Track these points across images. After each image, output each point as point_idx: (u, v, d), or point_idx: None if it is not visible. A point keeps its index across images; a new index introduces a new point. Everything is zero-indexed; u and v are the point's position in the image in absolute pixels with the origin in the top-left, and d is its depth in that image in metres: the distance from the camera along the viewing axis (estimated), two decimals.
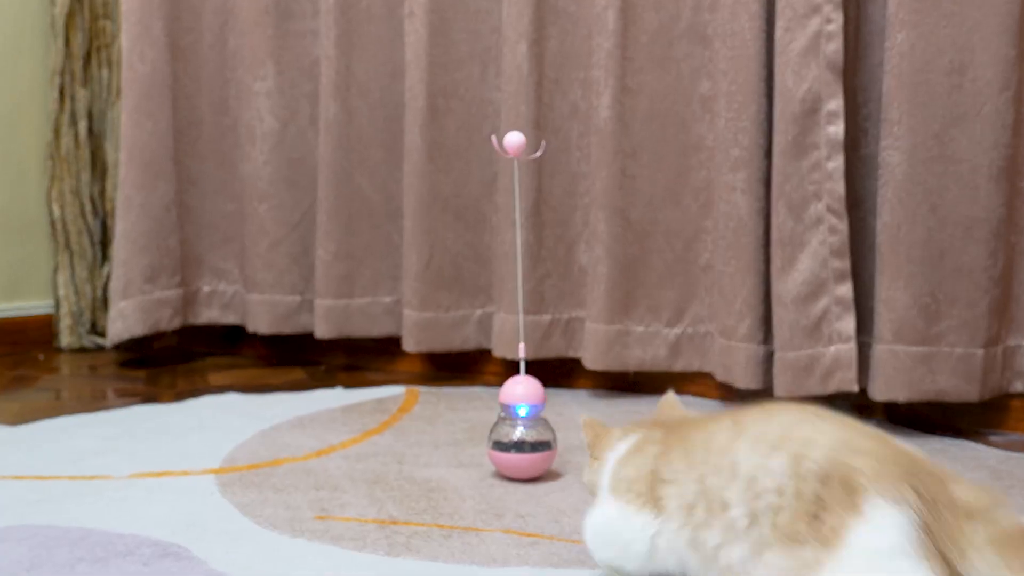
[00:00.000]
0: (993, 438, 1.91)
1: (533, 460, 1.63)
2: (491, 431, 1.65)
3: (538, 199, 2.22)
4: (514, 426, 1.63)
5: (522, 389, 1.64)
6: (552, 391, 2.22)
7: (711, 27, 2.09)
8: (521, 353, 1.70)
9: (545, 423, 1.66)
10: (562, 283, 2.25)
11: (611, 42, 2.11)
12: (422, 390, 2.24)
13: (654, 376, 2.22)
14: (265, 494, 1.53)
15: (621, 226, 2.15)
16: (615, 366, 2.16)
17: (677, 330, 2.17)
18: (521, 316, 1.83)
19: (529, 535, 1.38)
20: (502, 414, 1.65)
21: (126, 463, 1.68)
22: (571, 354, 2.25)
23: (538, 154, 1.72)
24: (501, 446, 1.63)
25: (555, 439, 1.66)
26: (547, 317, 2.24)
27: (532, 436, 1.63)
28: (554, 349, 2.25)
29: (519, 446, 1.63)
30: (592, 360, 2.17)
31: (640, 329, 2.16)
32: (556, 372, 2.28)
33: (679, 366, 2.18)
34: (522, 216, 2.21)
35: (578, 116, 2.22)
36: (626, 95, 2.13)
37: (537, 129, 2.20)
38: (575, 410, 2.08)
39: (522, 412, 1.63)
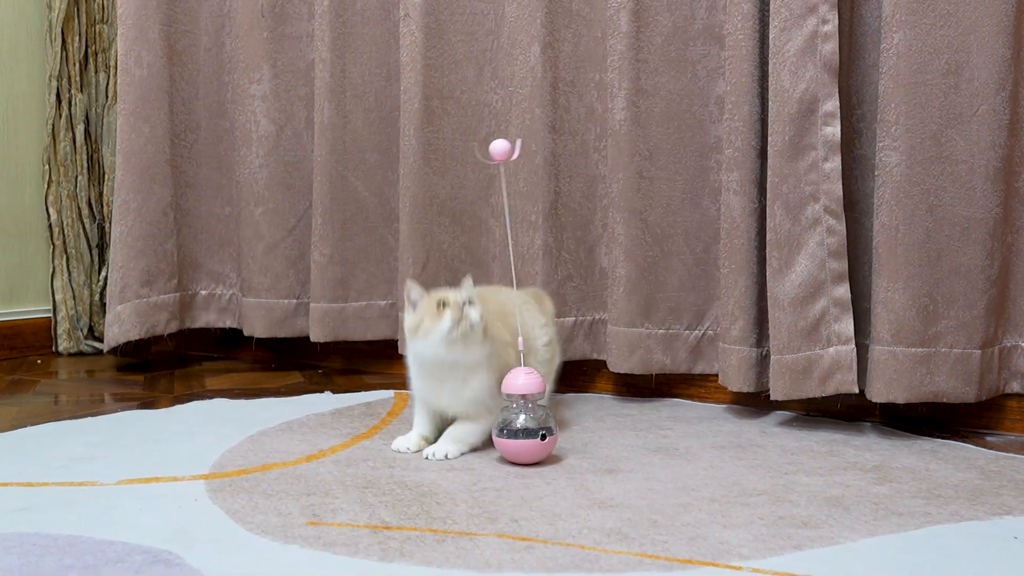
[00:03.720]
0: (990, 439, 1.91)
1: (536, 446, 1.71)
2: (496, 420, 1.73)
3: (556, 202, 2.21)
4: (517, 414, 1.71)
5: (523, 379, 1.73)
6: (574, 395, 2.22)
7: (726, 27, 2.08)
8: (520, 346, 1.79)
9: (546, 411, 1.73)
10: (584, 285, 2.24)
11: (624, 44, 2.11)
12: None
13: (673, 378, 2.21)
14: (255, 500, 1.52)
15: (639, 228, 2.14)
16: (639, 369, 2.15)
17: (697, 332, 2.16)
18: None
19: (523, 539, 1.37)
20: (505, 404, 1.74)
21: (114, 469, 1.67)
22: (595, 356, 2.25)
23: (516, 155, 1.76)
24: (505, 433, 1.71)
25: (556, 425, 1.75)
26: (570, 319, 2.23)
27: (534, 423, 1.71)
28: (578, 351, 2.24)
29: (523, 432, 1.70)
30: (616, 363, 2.16)
31: (661, 332, 2.15)
32: (579, 375, 2.28)
33: (699, 368, 2.17)
34: (540, 218, 2.20)
35: (594, 118, 2.21)
36: (641, 97, 2.12)
37: (553, 132, 2.20)
38: (566, 414, 2.08)
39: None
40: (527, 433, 1.70)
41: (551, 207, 2.21)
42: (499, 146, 1.73)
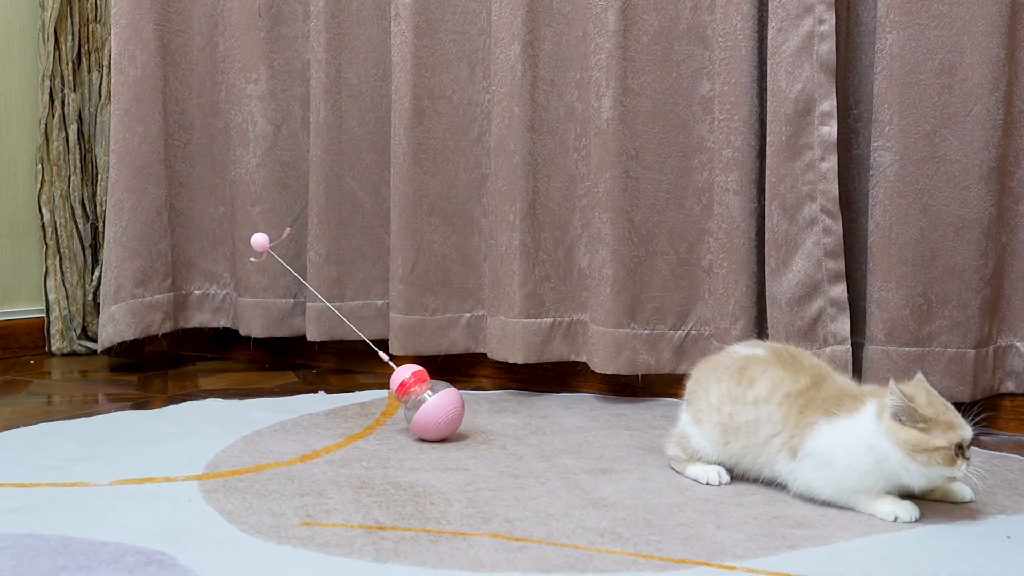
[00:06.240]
0: (984, 438, 1.91)
1: (442, 408, 1.85)
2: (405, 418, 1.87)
3: (534, 201, 2.21)
4: (420, 398, 1.85)
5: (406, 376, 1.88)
6: (551, 396, 2.21)
7: (711, 28, 2.08)
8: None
9: (432, 383, 1.88)
10: (562, 286, 2.23)
11: (612, 43, 2.10)
12: None
13: (659, 378, 2.20)
14: (249, 500, 1.52)
15: (626, 228, 2.13)
16: (625, 370, 2.14)
17: (682, 332, 2.16)
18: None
19: (517, 539, 1.37)
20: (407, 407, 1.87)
21: (107, 470, 1.66)
22: (574, 358, 2.23)
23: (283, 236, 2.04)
24: (415, 414, 1.84)
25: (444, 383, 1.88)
26: (547, 320, 2.22)
27: (430, 392, 1.86)
28: (556, 353, 2.23)
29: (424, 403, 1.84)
30: (601, 364, 2.14)
31: (646, 332, 2.15)
32: (558, 375, 2.28)
33: (683, 368, 2.16)
34: (518, 218, 2.20)
35: (575, 118, 2.21)
36: (628, 96, 2.11)
37: (531, 131, 2.19)
38: (560, 414, 2.08)
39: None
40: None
41: (529, 207, 2.20)
42: (258, 239, 1.98)
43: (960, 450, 1.42)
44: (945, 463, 1.41)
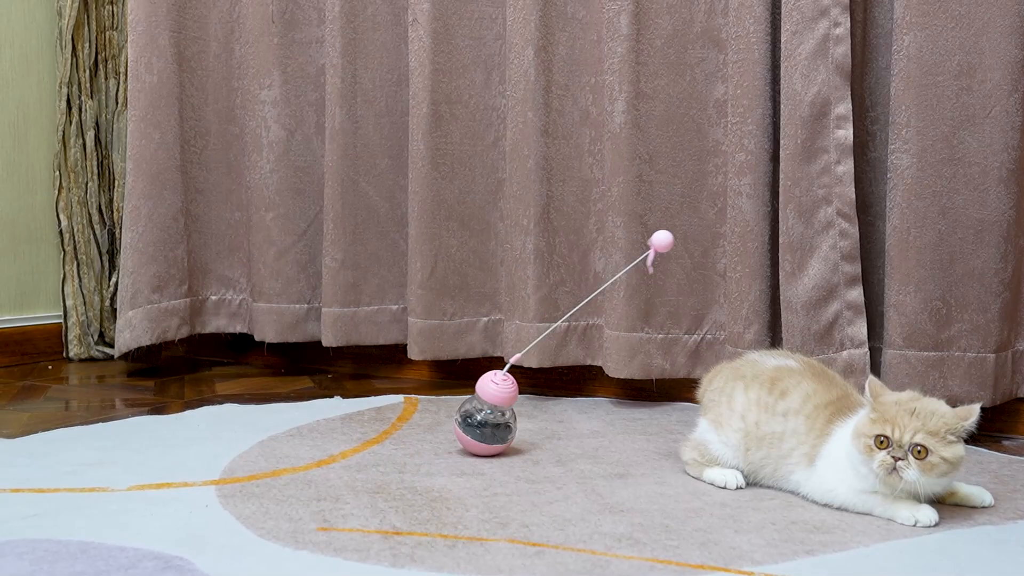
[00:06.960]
0: (1005, 442, 1.90)
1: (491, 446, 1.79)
2: (460, 407, 1.81)
3: (548, 206, 2.21)
4: (479, 409, 1.79)
5: (496, 389, 1.79)
6: (567, 400, 2.21)
7: (724, 31, 2.08)
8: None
9: (511, 412, 1.80)
10: (577, 290, 2.23)
11: (624, 47, 2.10)
12: (421, 399, 2.22)
13: (674, 383, 2.20)
14: (266, 505, 1.52)
15: (639, 232, 2.13)
16: (639, 374, 2.14)
17: (696, 336, 2.15)
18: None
19: (534, 544, 1.37)
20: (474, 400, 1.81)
21: (125, 475, 1.67)
22: (589, 362, 2.23)
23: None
24: (467, 427, 1.79)
25: (514, 423, 1.81)
26: (563, 324, 2.22)
27: (494, 419, 1.79)
28: (571, 357, 2.23)
29: (482, 428, 1.78)
30: (615, 368, 2.14)
31: (660, 336, 2.14)
32: (574, 380, 2.27)
33: (697, 373, 2.15)
34: (532, 223, 2.20)
35: (589, 122, 2.21)
36: (641, 100, 2.11)
37: (545, 136, 2.19)
38: (575, 418, 2.07)
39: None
40: (484, 429, 1.78)
41: (543, 211, 2.20)
42: (662, 239, 1.82)
43: (881, 445, 1.43)
44: (861, 450, 1.45)
